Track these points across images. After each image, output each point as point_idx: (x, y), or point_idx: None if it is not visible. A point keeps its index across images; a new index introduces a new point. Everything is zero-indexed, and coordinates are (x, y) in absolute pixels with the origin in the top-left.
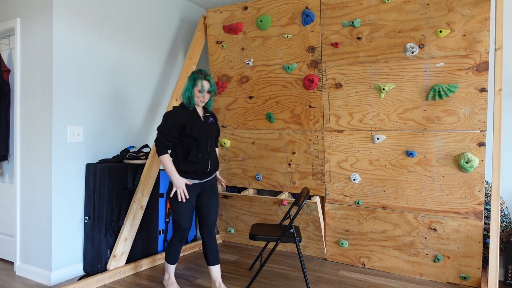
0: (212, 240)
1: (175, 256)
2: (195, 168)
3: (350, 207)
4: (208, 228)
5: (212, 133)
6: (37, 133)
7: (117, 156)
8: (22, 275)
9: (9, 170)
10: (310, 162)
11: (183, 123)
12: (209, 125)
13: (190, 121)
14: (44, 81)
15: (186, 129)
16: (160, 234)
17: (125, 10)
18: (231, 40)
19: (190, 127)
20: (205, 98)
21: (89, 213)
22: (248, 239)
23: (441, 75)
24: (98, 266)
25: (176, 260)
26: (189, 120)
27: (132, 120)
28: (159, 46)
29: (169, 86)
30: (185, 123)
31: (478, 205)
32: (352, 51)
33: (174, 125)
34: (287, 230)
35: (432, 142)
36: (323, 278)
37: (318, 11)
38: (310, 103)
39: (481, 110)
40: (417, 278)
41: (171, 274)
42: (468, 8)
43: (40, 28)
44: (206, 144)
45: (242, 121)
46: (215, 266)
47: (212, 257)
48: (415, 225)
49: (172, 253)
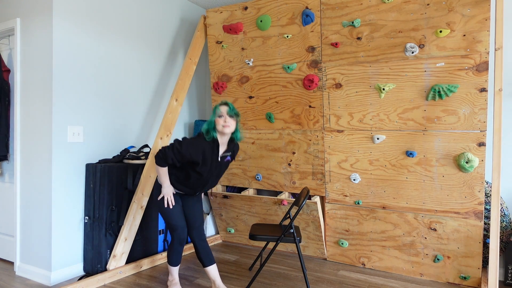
0: (203, 241)
1: (177, 258)
2: (184, 188)
3: (350, 207)
4: (197, 230)
5: (220, 172)
6: (37, 133)
7: (117, 156)
8: (22, 275)
9: (9, 170)
10: (310, 162)
11: (198, 161)
12: (222, 165)
13: (206, 161)
14: (44, 81)
15: (197, 166)
16: (160, 234)
17: (125, 10)
18: (231, 40)
19: (202, 166)
20: (227, 121)
21: (89, 213)
22: (248, 239)
23: (441, 75)
24: (98, 266)
25: (178, 261)
26: (206, 160)
27: (132, 120)
28: (159, 46)
29: (169, 86)
30: (200, 161)
31: (478, 205)
32: (352, 51)
33: (189, 158)
34: (287, 230)
35: (432, 142)
36: (323, 278)
37: (318, 11)
38: (310, 103)
39: (481, 110)
40: (417, 278)
41: (174, 276)
42: (468, 8)
43: (40, 28)
44: (208, 180)
45: (242, 121)
46: (212, 267)
47: (207, 258)
48: (415, 225)
49: (173, 255)
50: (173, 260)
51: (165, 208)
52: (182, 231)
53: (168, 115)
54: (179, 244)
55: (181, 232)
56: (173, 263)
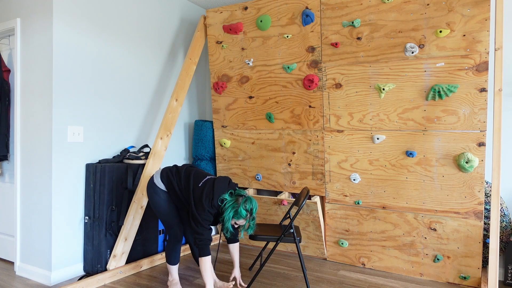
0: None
1: (175, 256)
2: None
3: (350, 207)
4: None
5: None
6: (37, 133)
7: (117, 156)
8: (22, 275)
9: (9, 170)
10: (310, 162)
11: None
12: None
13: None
14: (44, 81)
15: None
16: (160, 234)
17: (125, 10)
18: (231, 40)
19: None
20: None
21: (89, 213)
22: (248, 239)
23: (441, 75)
24: (98, 266)
25: (177, 260)
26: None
27: (132, 120)
28: (159, 46)
29: (169, 86)
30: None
31: (478, 205)
32: (352, 51)
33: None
34: (287, 230)
35: (432, 142)
36: (323, 278)
37: (318, 11)
38: (310, 103)
39: (481, 110)
40: (417, 278)
41: (174, 275)
42: (468, 8)
43: (40, 28)
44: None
45: (242, 121)
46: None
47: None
48: (415, 225)
49: (171, 253)
50: (172, 259)
51: (160, 208)
52: (178, 228)
53: (168, 115)
54: (177, 241)
55: (177, 229)
56: (172, 262)
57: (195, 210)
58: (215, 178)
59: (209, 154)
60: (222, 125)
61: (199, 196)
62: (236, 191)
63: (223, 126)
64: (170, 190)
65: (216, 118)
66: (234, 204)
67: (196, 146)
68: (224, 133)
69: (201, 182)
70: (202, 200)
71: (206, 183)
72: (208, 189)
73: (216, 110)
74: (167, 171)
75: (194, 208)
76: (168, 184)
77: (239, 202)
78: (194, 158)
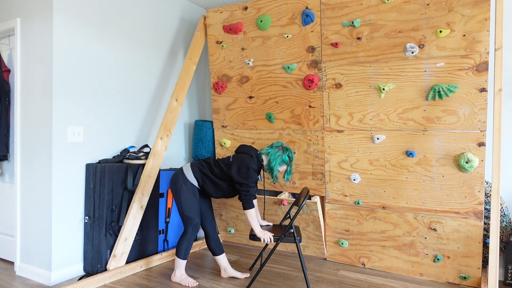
0: (216, 232)
1: (187, 250)
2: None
3: (350, 207)
4: (211, 222)
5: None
6: (37, 133)
7: (117, 156)
8: (22, 275)
9: (9, 170)
10: (310, 162)
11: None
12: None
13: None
14: (44, 81)
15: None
16: (160, 234)
17: (125, 10)
18: (231, 40)
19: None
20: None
21: (89, 213)
22: (248, 239)
23: (441, 75)
24: (98, 266)
25: (187, 255)
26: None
27: (132, 120)
28: (159, 46)
29: (169, 86)
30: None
31: (478, 205)
32: (352, 51)
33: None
34: (287, 230)
35: (432, 142)
36: (323, 278)
37: (318, 11)
38: (310, 103)
39: (481, 110)
40: (417, 278)
41: (183, 270)
42: (468, 8)
43: (40, 28)
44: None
45: (242, 121)
46: (222, 255)
47: (218, 248)
48: (415, 225)
49: (187, 248)
50: (185, 253)
51: (187, 202)
52: (199, 224)
53: (168, 115)
54: (195, 234)
55: (198, 225)
56: (184, 256)
57: (239, 177)
58: (237, 150)
59: (209, 154)
60: (222, 125)
61: (238, 164)
62: (271, 145)
63: (223, 126)
64: (205, 181)
65: (216, 118)
66: (278, 153)
67: (196, 146)
68: (224, 133)
69: (230, 158)
70: (245, 163)
71: (235, 156)
72: (242, 155)
73: (216, 110)
74: (197, 165)
75: (238, 176)
76: (202, 176)
77: (282, 151)
78: (194, 158)
